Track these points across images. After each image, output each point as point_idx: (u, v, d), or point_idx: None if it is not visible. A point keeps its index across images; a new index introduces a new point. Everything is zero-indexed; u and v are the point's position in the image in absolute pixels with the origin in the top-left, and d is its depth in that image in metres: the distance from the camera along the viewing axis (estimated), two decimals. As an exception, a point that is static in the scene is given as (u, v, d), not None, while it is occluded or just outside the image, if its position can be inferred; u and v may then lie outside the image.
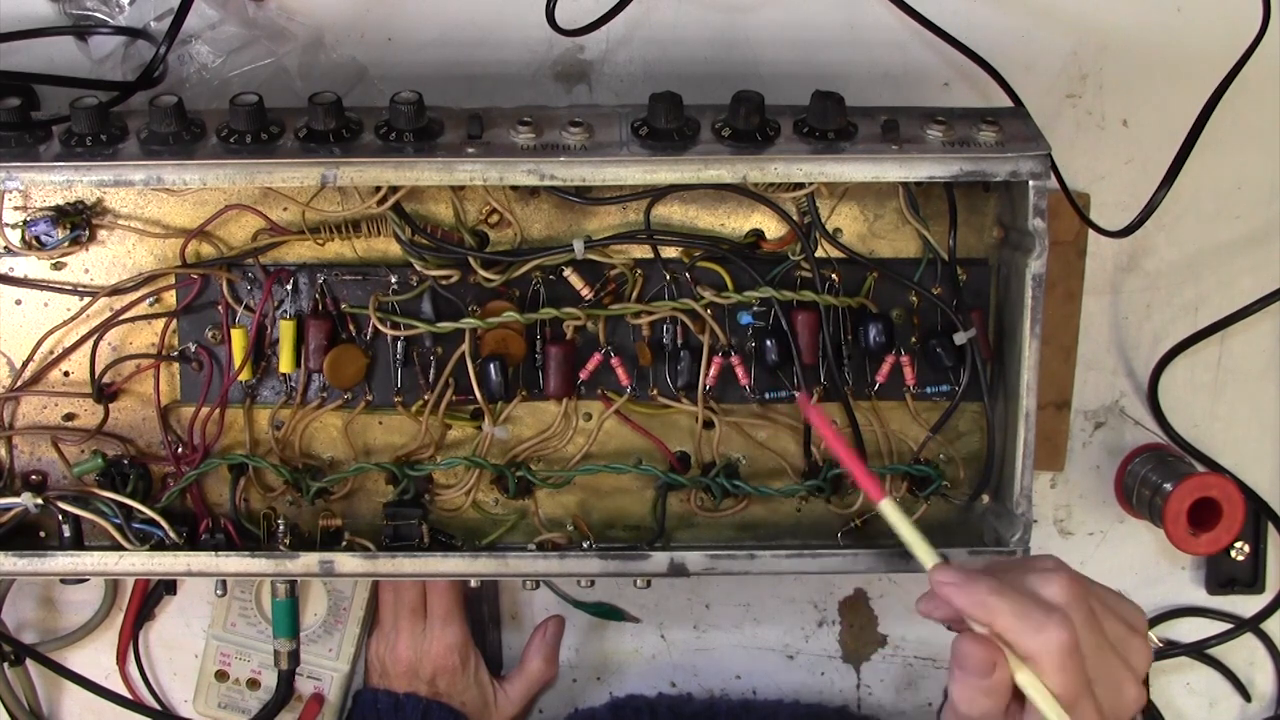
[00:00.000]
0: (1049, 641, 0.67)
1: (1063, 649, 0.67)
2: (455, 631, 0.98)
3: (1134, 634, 0.72)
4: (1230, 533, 0.97)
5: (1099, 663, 0.69)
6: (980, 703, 0.69)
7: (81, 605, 1.02)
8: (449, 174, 0.78)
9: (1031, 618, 0.68)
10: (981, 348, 0.86)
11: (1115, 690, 0.70)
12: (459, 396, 0.87)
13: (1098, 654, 0.69)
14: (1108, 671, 0.70)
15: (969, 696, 0.69)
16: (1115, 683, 0.70)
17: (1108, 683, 0.70)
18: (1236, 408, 1.03)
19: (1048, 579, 0.70)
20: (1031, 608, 0.68)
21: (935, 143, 0.80)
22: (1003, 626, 0.69)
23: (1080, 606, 0.69)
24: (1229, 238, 1.00)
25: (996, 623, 0.69)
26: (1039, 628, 0.68)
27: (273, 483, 0.89)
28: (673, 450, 0.89)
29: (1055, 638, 0.67)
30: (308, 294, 0.87)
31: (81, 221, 0.85)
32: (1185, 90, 0.91)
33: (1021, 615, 0.68)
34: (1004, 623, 0.69)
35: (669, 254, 0.87)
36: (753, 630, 1.06)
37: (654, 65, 0.94)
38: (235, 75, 0.89)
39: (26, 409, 0.88)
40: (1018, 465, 0.83)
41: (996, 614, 0.69)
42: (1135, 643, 0.72)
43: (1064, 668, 0.67)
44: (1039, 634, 0.67)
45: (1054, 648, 0.67)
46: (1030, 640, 0.68)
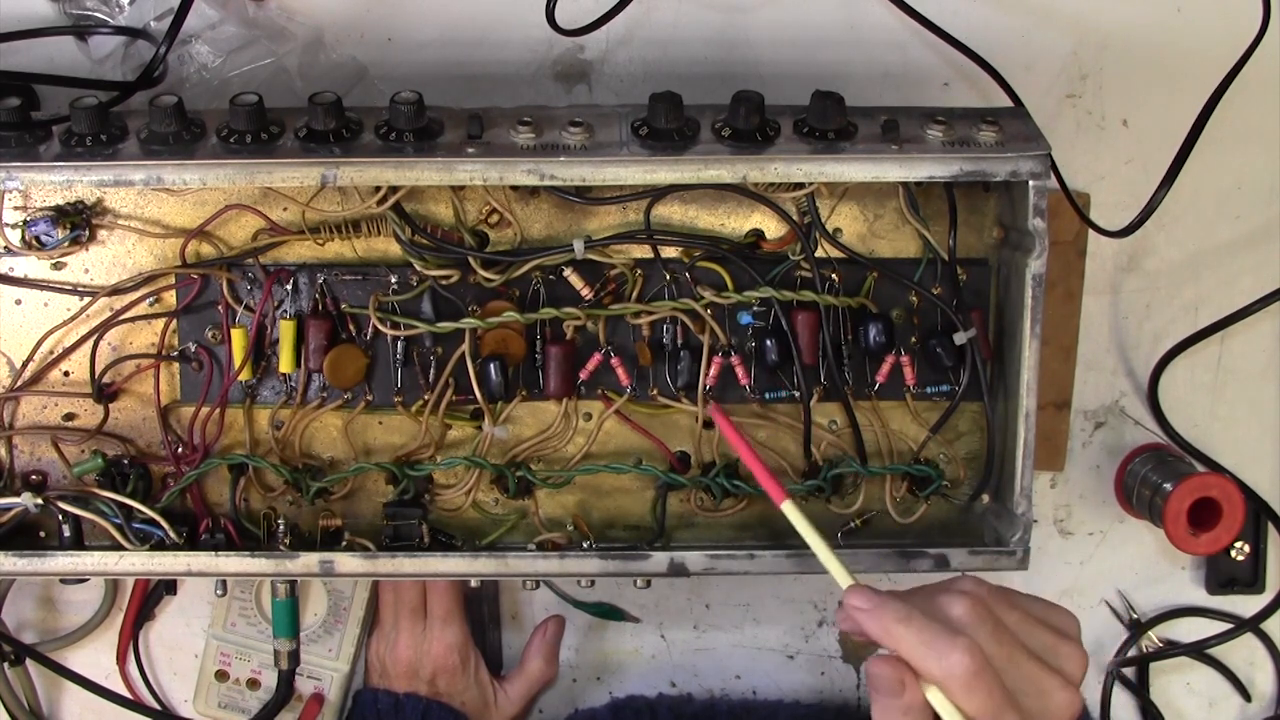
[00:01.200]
0: (952, 666, 0.68)
1: (967, 672, 0.68)
2: (455, 631, 0.98)
3: (1064, 640, 0.73)
4: (1230, 533, 0.97)
5: (1020, 674, 0.70)
6: None
7: (81, 605, 1.02)
8: (449, 174, 0.78)
9: (934, 645, 0.69)
10: (981, 348, 0.86)
11: (1044, 698, 0.70)
12: (459, 396, 0.87)
13: (1015, 666, 0.70)
14: (1031, 681, 0.70)
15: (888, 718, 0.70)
16: (1043, 691, 0.70)
17: (1033, 692, 0.70)
18: (1236, 408, 1.03)
19: (954, 601, 0.71)
20: (935, 634, 0.69)
21: (935, 143, 0.80)
22: (908, 653, 0.70)
23: (986, 625, 0.70)
24: (1229, 238, 1.00)
25: (901, 649, 0.70)
26: (941, 654, 0.68)
27: (273, 483, 0.89)
28: (673, 450, 0.89)
29: (958, 662, 0.68)
30: (308, 294, 0.87)
31: (81, 221, 0.85)
32: (1185, 90, 0.91)
33: (925, 643, 0.69)
34: (908, 649, 0.70)
35: (669, 254, 0.87)
36: (753, 630, 1.06)
37: (654, 65, 0.94)
38: (235, 75, 0.89)
39: (26, 409, 0.88)
40: (1018, 465, 0.83)
41: (901, 641, 0.70)
42: (1065, 649, 0.73)
43: (971, 689, 0.68)
44: (941, 660, 0.68)
45: (958, 671, 0.68)
46: (934, 666, 0.68)
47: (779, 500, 0.76)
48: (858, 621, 0.72)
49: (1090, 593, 1.06)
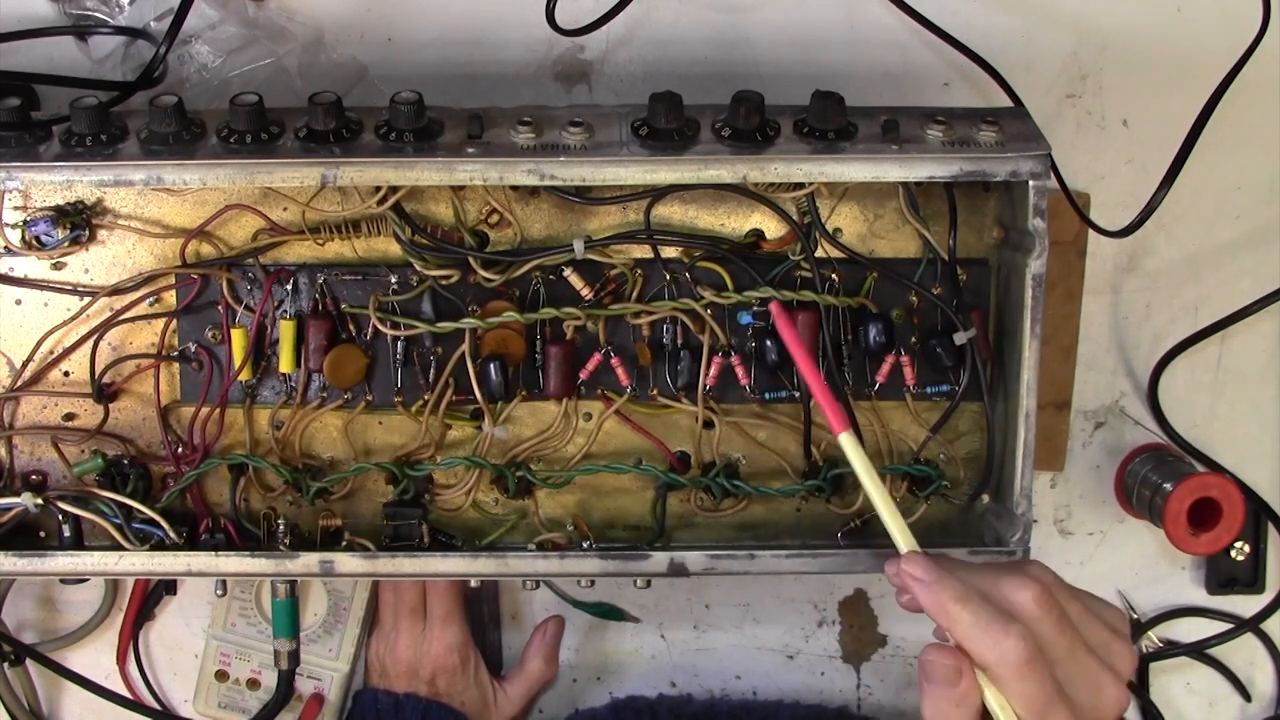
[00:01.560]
0: (1006, 653, 0.67)
1: (1020, 660, 0.67)
2: (455, 631, 0.98)
3: (1116, 638, 0.72)
4: (1230, 533, 0.97)
5: (1074, 668, 0.69)
6: (952, 715, 0.69)
7: (81, 605, 1.02)
8: (449, 174, 0.78)
9: (991, 629, 0.68)
10: (981, 348, 0.86)
11: (1095, 693, 0.70)
12: (459, 396, 0.87)
13: (1074, 659, 0.69)
14: (1085, 676, 0.70)
15: (940, 710, 0.70)
16: (1094, 686, 0.70)
17: (1086, 687, 0.70)
18: (1236, 408, 1.03)
19: (1017, 585, 0.70)
20: (992, 619, 0.68)
21: (935, 143, 0.80)
22: (962, 636, 0.69)
23: (1049, 615, 0.69)
24: (1229, 238, 1.00)
25: (956, 631, 0.69)
26: (997, 640, 0.68)
27: (273, 483, 0.89)
28: (673, 450, 0.89)
29: (1013, 649, 0.67)
30: (308, 294, 0.87)
31: (81, 221, 0.85)
32: (1185, 90, 0.91)
33: (981, 626, 0.68)
34: (962, 632, 0.69)
35: (669, 254, 0.87)
36: (753, 630, 1.06)
37: (654, 65, 0.94)
38: (235, 75, 0.89)
39: (26, 409, 0.88)
40: (1018, 465, 0.83)
41: (956, 623, 0.69)
42: (1117, 646, 0.72)
43: (1023, 677, 0.67)
44: (996, 646, 0.68)
45: (1011, 659, 0.67)
46: (988, 651, 0.68)
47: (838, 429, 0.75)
48: (913, 592, 0.71)
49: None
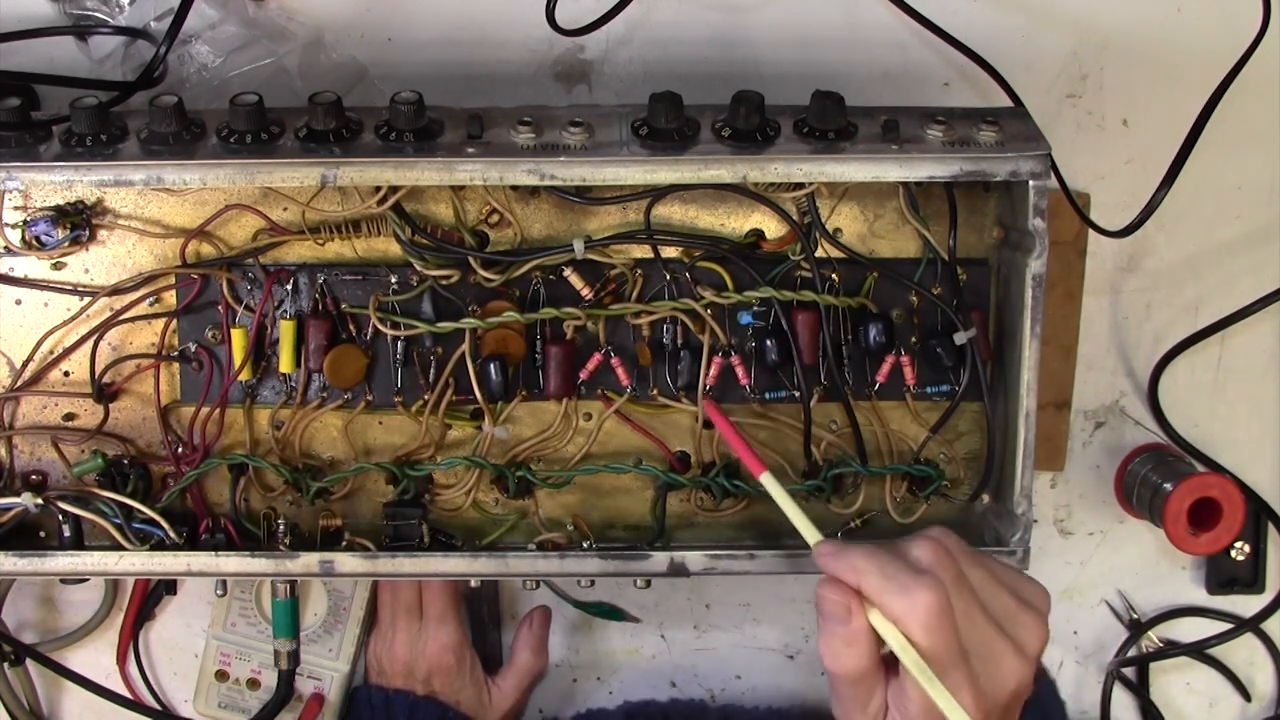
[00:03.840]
0: (915, 603, 0.67)
1: (929, 610, 0.67)
2: (450, 631, 0.98)
3: (1026, 610, 0.72)
4: (1230, 533, 0.97)
5: (972, 632, 0.69)
6: (843, 654, 0.70)
7: (81, 605, 1.02)
8: (449, 174, 0.78)
9: (899, 580, 0.68)
10: (981, 348, 0.86)
11: (993, 662, 0.69)
12: (459, 396, 0.87)
13: (971, 623, 0.69)
14: (984, 642, 0.69)
15: (832, 649, 0.70)
16: (993, 654, 0.69)
17: (984, 654, 0.69)
18: (1236, 408, 1.03)
19: (921, 543, 0.70)
20: (899, 570, 0.68)
21: (935, 143, 0.80)
22: (870, 587, 0.69)
23: (948, 572, 0.69)
24: (1229, 238, 1.00)
25: (864, 584, 0.69)
26: (905, 589, 0.68)
27: (273, 483, 0.89)
28: (673, 450, 0.89)
29: (922, 599, 0.67)
30: (308, 294, 0.87)
31: (81, 221, 0.85)
32: (1185, 90, 0.91)
33: (889, 576, 0.68)
34: (871, 582, 0.69)
35: (669, 254, 0.87)
36: (753, 630, 1.06)
37: (654, 65, 0.94)
38: (235, 75, 0.89)
39: (26, 409, 0.88)
40: (1018, 465, 0.83)
41: (864, 575, 0.69)
42: (1026, 619, 0.71)
43: (930, 629, 0.67)
44: (904, 595, 0.67)
45: (920, 609, 0.67)
46: (896, 601, 0.68)
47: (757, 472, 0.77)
48: (824, 567, 0.71)
49: (1090, 593, 1.06)
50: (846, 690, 0.71)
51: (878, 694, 0.71)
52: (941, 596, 0.67)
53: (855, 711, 0.72)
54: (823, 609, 0.70)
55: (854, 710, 0.72)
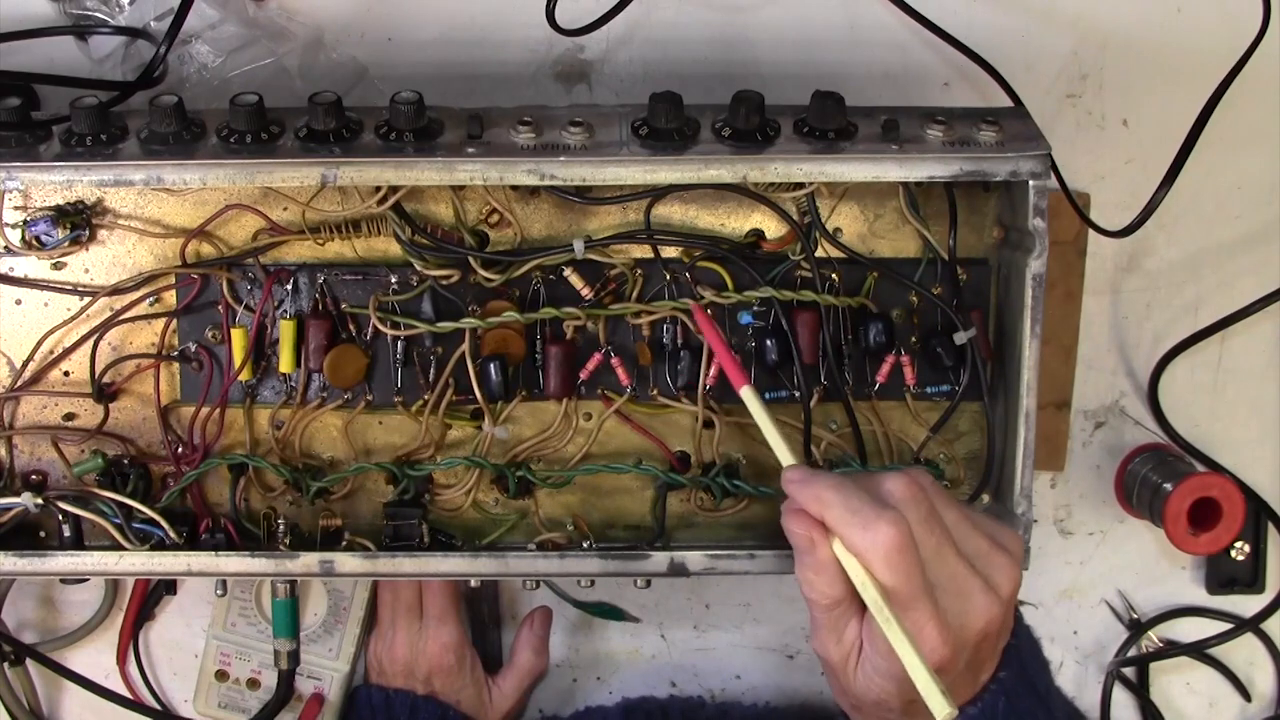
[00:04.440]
0: (876, 536, 0.67)
1: (890, 544, 0.67)
2: (450, 631, 0.98)
3: (998, 551, 0.72)
4: (1230, 533, 0.97)
5: (942, 568, 0.69)
6: (814, 582, 0.70)
7: (81, 605, 1.02)
8: (449, 174, 0.78)
9: (862, 513, 0.68)
10: (981, 348, 0.86)
11: (960, 598, 0.70)
12: (459, 396, 0.87)
13: (940, 559, 0.69)
14: (952, 579, 0.70)
15: (804, 576, 0.71)
16: (961, 591, 0.70)
17: (952, 589, 0.69)
18: (1236, 408, 1.03)
19: (893, 478, 0.71)
20: (864, 504, 0.69)
21: (935, 143, 0.80)
22: (832, 520, 0.69)
23: (917, 506, 0.69)
24: (1229, 238, 1.00)
25: (827, 516, 0.69)
26: (866, 523, 0.68)
27: (273, 483, 0.89)
28: (673, 450, 0.89)
29: (884, 533, 0.67)
30: (308, 294, 0.87)
31: (81, 221, 0.85)
32: (1185, 90, 0.91)
33: (853, 510, 0.69)
34: (834, 515, 0.69)
35: (669, 254, 0.87)
36: (753, 630, 1.06)
37: (654, 65, 0.94)
38: (235, 75, 0.89)
39: (26, 409, 0.88)
40: (1018, 465, 0.83)
41: (828, 507, 0.69)
42: (999, 559, 0.72)
43: (891, 564, 0.67)
44: (866, 529, 0.68)
45: (881, 542, 0.67)
46: (858, 535, 0.68)
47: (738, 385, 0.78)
48: (791, 494, 0.72)
49: (1090, 593, 1.06)
50: (821, 617, 0.72)
51: (852, 625, 0.72)
52: (904, 531, 0.68)
53: (830, 641, 0.72)
54: (790, 540, 0.71)
55: (829, 640, 0.72)
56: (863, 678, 0.72)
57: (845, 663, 0.72)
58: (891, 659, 0.69)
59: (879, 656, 0.70)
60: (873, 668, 0.71)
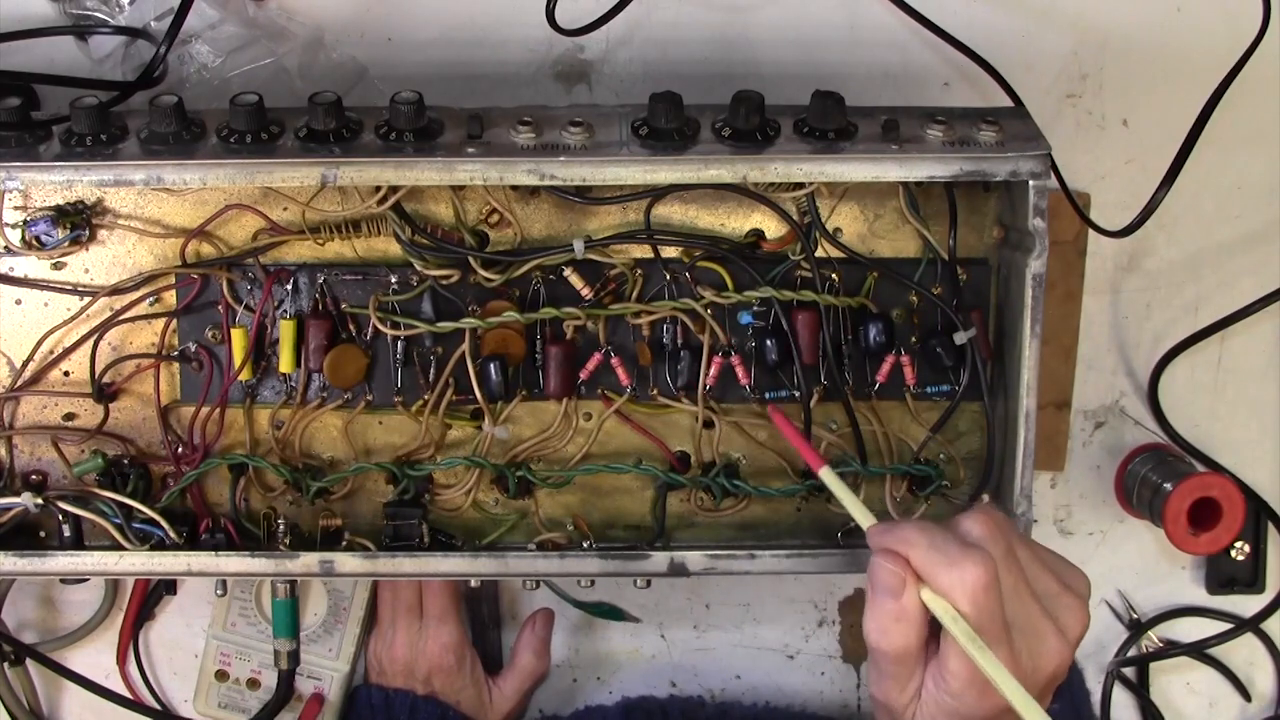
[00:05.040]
0: (964, 574, 0.67)
1: (977, 583, 0.67)
2: (450, 631, 0.99)
3: (1068, 593, 0.72)
4: (1230, 533, 0.97)
5: (1019, 609, 0.69)
6: (891, 631, 0.69)
7: (81, 605, 1.02)
8: (449, 174, 0.78)
9: (948, 552, 0.68)
10: (981, 348, 0.86)
11: (1036, 639, 0.69)
12: (459, 396, 0.87)
13: (1018, 599, 0.69)
14: (1028, 619, 0.69)
15: (880, 624, 0.70)
16: (1036, 632, 0.69)
17: (1028, 631, 0.69)
18: (1236, 408, 1.03)
19: (971, 518, 0.71)
20: (949, 543, 0.68)
21: (935, 143, 0.80)
22: (918, 559, 0.69)
23: (999, 547, 0.69)
24: (1229, 238, 1.00)
25: (913, 556, 0.69)
26: (954, 561, 0.67)
27: (273, 483, 0.89)
28: (673, 450, 0.89)
29: (970, 572, 0.67)
30: (308, 294, 0.87)
31: (81, 221, 0.85)
32: (1185, 90, 0.91)
33: (938, 549, 0.68)
34: (919, 555, 0.69)
35: (669, 254, 0.87)
36: (753, 630, 1.06)
37: (654, 65, 0.94)
38: (235, 75, 0.89)
39: (26, 409, 0.88)
40: (1018, 465, 0.83)
41: (913, 547, 0.69)
42: (1068, 601, 0.72)
43: (977, 602, 0.67)
44: (953, 568, 0.67)
45: (969, 580, 0.67)
46: (945, 573, 0.68)
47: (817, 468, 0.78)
48: (876, 544, 0.71)
49: (1090, 593, 1.06)
50: (889, 668, 0.71)
51: (917, 674, 0.71)
52: (990, 570, 0.67)
53: (894, 691, 0.72)
54: (875, 579, 0.70)
55: (893, 689, 0.72)
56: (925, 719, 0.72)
57: (906, 709, 0.72)
58: (967, 698, 0.69)
59: (951, 697, 0.69)
60: (938, 708, 0.70)
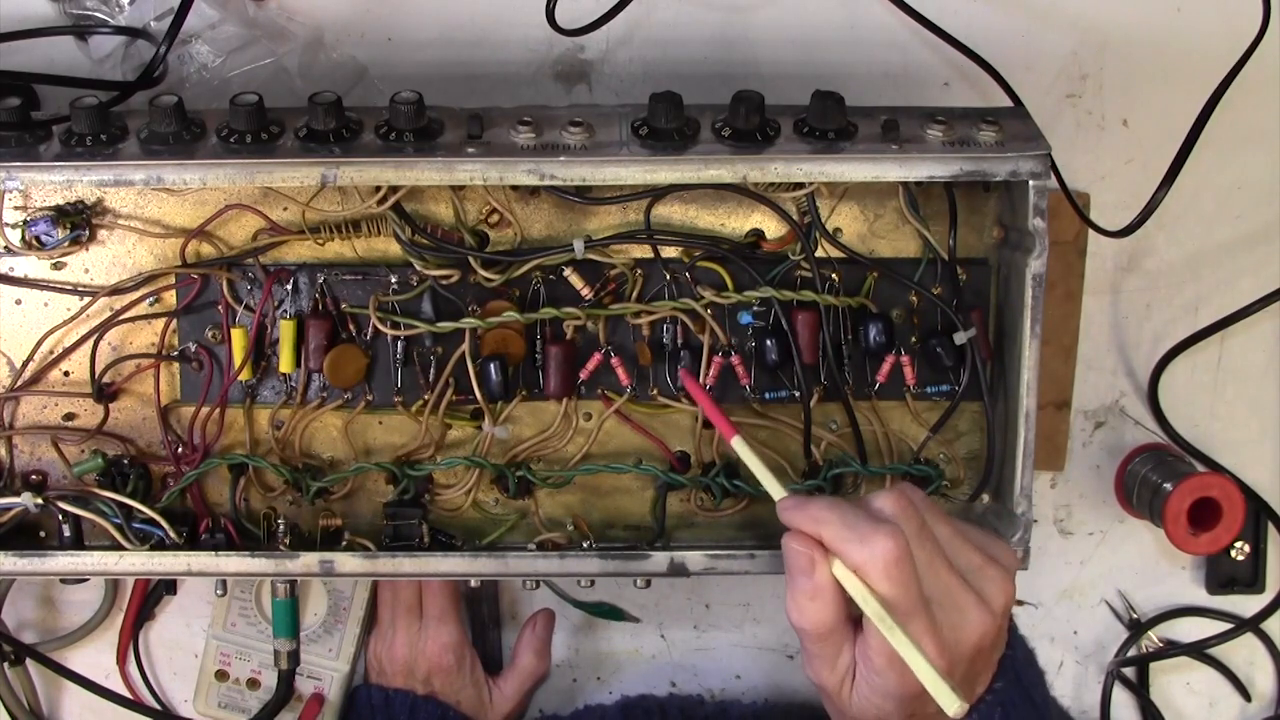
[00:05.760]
0: (874, 550, 0.68)
1: (888, 557, 0.67)
2: (450, 631, 0.99)
3: (991, 564, 0.72)
4: (1230, 533, 0.97)
5: (936, 583, 0.69)
6: (808, 609, 0.70)
7: (81, 605, 1.02)
8: (449, 174, 0.78)
9: (858, 528, 0.68)
10: (981, 348, 0.86)
11: (956, 612, 0.70)
12: (459, 396, 0.87)
13: (933, 573, 0.69)
14: (946, 593, 0.70)
15: (797, 603, 0.70)
16: (956, 605, 0.70)
17: (947, 604, 0.69)
18: (1236, 408, 1.03)
19: (883, 496, 0.71)
20: (860, 519, 0.69)
21: (935, 143, 0.80)
22: (829, 537, 0.69)
23: (911, 523, 0.70)
24: (1229, 238, 1.00)
25: (824, 534, 0.70)
26: (864, 537, 0.68)
27: (273, 483, 0.89)
28: (673, 450, 0.89)
29: (881, 546, 0.68)
30: (308, 294, 0.87)
31: (81, 221, 0.85)
32: (1185, 90, 0.91)
33: (849, 525, 0.69)
34: (830, 533, 0.69)
35: (669, 254, 0.87)
36: (753, 630, 1.06)
37: (654, 65, 0.94)
38: (235, 75, 0.89)
39: (26, 409, 0.88)
40: (1018, 465, 0.83)
41: (824, 525, 0.70)
42: (992, 572, 0.72)
43: (890, 577, 0.67)
44: (864, 544, 0.68)
45: (879, 555, 0.67)
46: (856, 550, 0.68)
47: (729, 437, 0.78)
48: (787, 520, 0.72)
49: (1090, 593, 1.06)
50: (814, 647, 0.72)
51: (845, 651, 0.71)
52: (901, 544, 0.68)
53: (824, 669, 0.72)
54: (787, 561, 0.71)
55: (823, 668, 0.72)
56: (859, 699, 0.72)
57: (840, 687, 0.72)
58: (889, 675, 0.69)
59: (876, 675, 0.70)
60: (869, 688, 0.71)
